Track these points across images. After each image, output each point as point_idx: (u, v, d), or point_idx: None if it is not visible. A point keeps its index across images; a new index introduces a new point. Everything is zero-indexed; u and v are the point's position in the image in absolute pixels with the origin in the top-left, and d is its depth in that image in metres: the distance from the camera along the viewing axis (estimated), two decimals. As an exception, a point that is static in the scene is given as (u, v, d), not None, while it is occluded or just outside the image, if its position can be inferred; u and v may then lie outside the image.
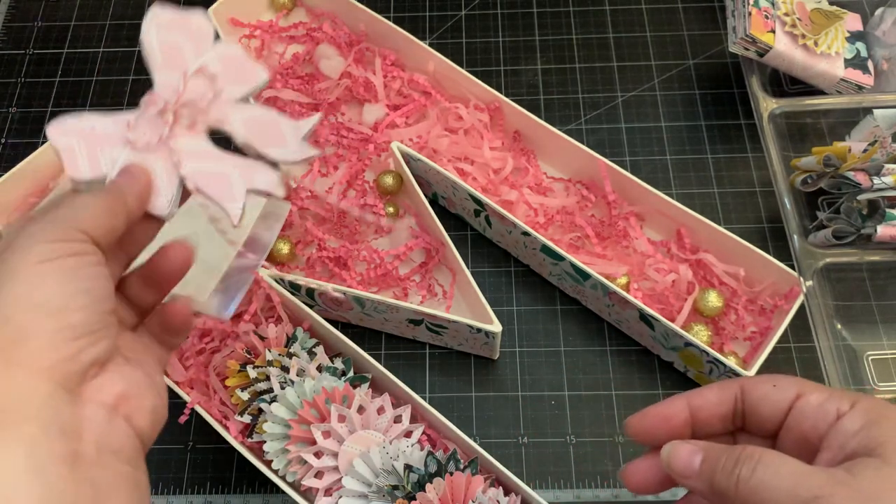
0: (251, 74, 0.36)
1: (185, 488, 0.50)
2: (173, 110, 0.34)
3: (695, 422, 0.30)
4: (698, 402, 0.30)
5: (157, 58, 0.35)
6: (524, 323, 0.55)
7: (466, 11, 0.68)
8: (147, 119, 0.34)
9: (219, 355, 0.49)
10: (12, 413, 0.24)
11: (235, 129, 0.35)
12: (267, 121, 0.36)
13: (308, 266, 0.55)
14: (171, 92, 0.35)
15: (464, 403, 0.52)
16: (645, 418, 0.30)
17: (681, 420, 0.30)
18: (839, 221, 0.51)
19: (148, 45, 0.35)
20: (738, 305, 0.52)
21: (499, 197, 0.57)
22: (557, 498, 0.49)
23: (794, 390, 0.28)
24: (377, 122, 0.59)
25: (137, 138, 0.34)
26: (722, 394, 0.29)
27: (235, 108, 0.35)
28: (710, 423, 0.29)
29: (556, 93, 0.64)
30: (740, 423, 0.30)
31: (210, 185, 0.34)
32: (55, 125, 0.33)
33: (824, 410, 0.27)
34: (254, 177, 0.35)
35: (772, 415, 0.28)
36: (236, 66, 0.36)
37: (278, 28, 0.64)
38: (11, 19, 0.70)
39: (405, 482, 0.41)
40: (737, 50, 0.57)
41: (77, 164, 0.32)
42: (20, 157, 0.54)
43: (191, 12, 0.36)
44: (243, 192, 0.34)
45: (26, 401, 0.24)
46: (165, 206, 0.33)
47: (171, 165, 0.34)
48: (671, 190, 0.59)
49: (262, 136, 0.35)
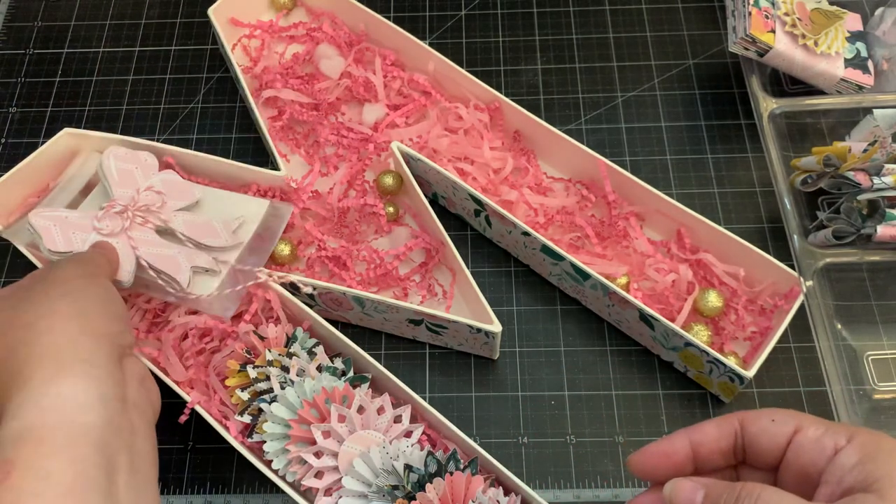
0: (188, 193, 0.50)
1: (185, 488, 0.50)
2: (132, 211, 0.47)
3: (696, 457, 0.30)
4: (699, 437, 0.30)
5: (115, 178, 0.49)
6: (524, 323, 0.55)
7: (466, 11, 0.68)
8: (110, 216, 0.46)
9: (219, 355, 0.49)
10: (84, 361, 0.33)
11: (178, 228, 0.48)
12: (202, 222, 0.49)
13: (308, 266, 0.55)
14: (128, 200, 0.48)
15: (464, 403, 0.52)
16: (646, 455, 0.30)
17: (682, 456, 0.30)
18: (839, 221, 0.51)
19: (107, 169, 0.49)
20: (738, 305, 0.52)
21: (499, 197, 0.57)
22: (557, 498, 0.49)
23: (792, 425, 0.28)
24: (377, 122, 0.59)
25: (103, 227, 0.46)
26: (721, 429, 0.29)
27: (177, 215, 0.49)
28: (712, 458, 0.30)
29: (556, 93, 0.64)
30: (741, 457, 0.30)
31: (161, 263, 0.46)
32: (35, 212, 0.45)
33: (821, 445, 0.27)
34: (195, 259, 0.47)
35: (771, 449, 0.28)
36: (177, 187, 0.50)
37: (278, 28, 0.64)
38: (11, 19, 0.70)
39: (405, 482, 0.41)
40: (737, 50, 0.57)
41: (54, 240, 0.45)
42: (20, 157, 0.54)
43: (139, 151, 0.51)
44: (188, 268, 0.47)
45: (92, 354, 0.34)
46: (126, 276, 0.45)
47: (130, 248, 0.46)
48: (671, 190, 0.59)
49: (198, 232, 0.48)
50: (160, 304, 0.51)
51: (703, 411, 0.52)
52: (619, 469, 0.50)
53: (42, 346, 0.33)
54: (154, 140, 0.59)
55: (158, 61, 0.67)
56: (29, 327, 0.34)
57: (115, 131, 0.62)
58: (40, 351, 0.33)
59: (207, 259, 0.48)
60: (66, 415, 0.31)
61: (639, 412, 0.52)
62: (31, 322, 0.34)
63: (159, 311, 0.51)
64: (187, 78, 0.66)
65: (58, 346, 0.33)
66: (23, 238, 0.50)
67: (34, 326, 0.34)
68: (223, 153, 0.61)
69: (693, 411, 0.52)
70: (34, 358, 0.33)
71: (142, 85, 0.66)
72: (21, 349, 0.33)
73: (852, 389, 0.50)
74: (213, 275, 0.49)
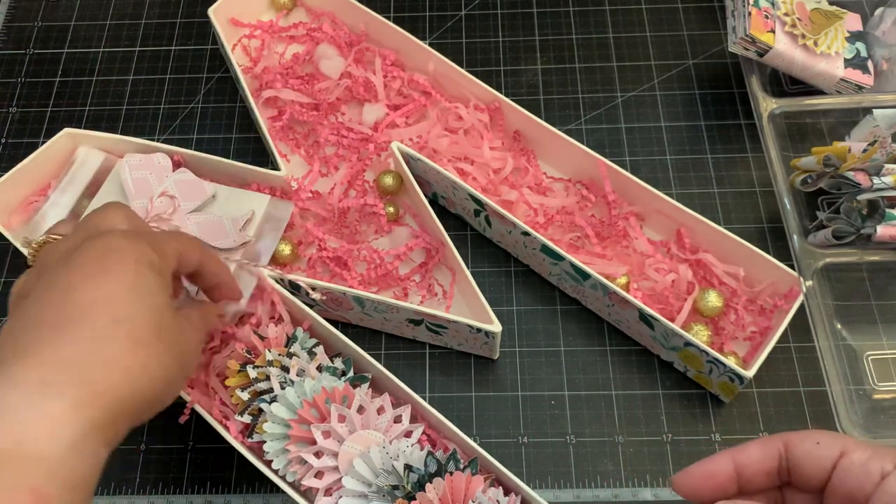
0: (201, 192, 0.52)
1: (185, 488, 0.50)
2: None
3: (740, 478, 0.29)
4: (742, 458, 0.29)
5: (132, 190, 0.51)
6: (524, 323, 0.55)
7: (466, 11, 0.68)
8: None
9: (219, 356, 0.49)
10: (156, 274, 0.37)
11: (191, 231, 0.50)
12: (213, 222, 0.51)
13: (309, 266, 0.55)
14: (143, 212, 0.50)
15: (464, 403, 0.52)
16: (690, 476, 0.30)
17: (726, 477, 0.29)
18: (839, 221, 0.51)
19: (124, 182, 0.52)
20: (737, 305, 0.52)
21: (499, 197, 0.57)
22: (557, 498, 0.49)
23: (837, 448, 0.28)
24: (377, 122, 0.59)
25: None
26: (765, 450, 0.29)
27: (189, 217, 0.51)
28: (756, 479, 0.29)
29: (556, 93, 0.64)
30: (786, 479, 0.29)
31: None
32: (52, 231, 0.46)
33: (867, 470, 0.27)
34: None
35: (816, 473, 0.28)
36: (190, 187, 0.52)
37: (278, 28, 0.64)
38: (11, 19, 0.70)
39: (405, 482, 0.41)
40: (737, 50, 0.57)
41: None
42: (20, 157, 0.54)
43: (153, 154, 0.53)
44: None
45: (160, 274, 0.38)
46: None
47: None
48: (671, 190, 0.59)
49: (210, 234, 0.51)
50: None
51: (702, 411, 0.52)
52: (618, 469, 0.50)
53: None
54: (154, 140, 0.59)
55: (158, 61, 0.67)
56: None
57: (115, 131, 0.62)
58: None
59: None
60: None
61: (639, 412, 0.52)
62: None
63: None
64: (187, 78, 0.66)
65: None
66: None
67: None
68: (223, 153, 0.61)
69: (693, 411, 0.52)
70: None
71: (142, 85, 0.66)
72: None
73: (852, 389, 0.50)
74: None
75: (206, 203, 0.52)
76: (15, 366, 0.32)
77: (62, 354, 0.32)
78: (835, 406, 0.46)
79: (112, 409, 0.33)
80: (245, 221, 0.51)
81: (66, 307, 0.34)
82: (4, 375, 0.32)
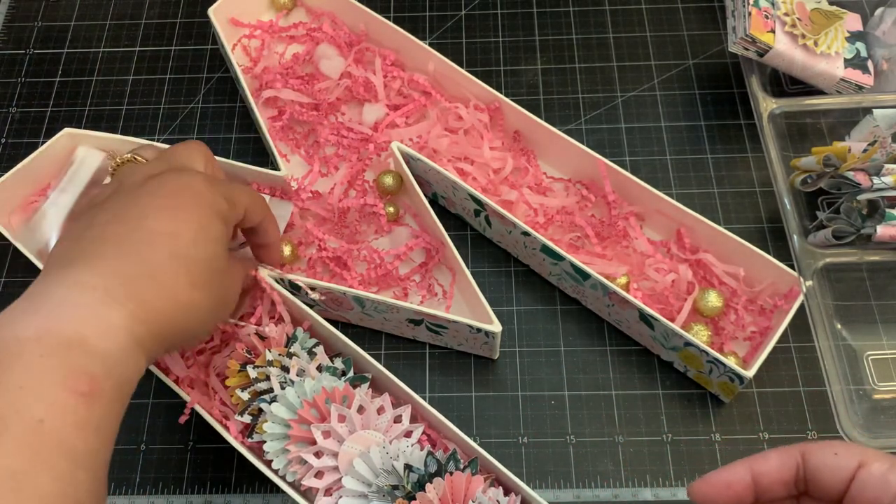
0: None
1: (185, 488, 0.51)
2: None
3: (757, 487, 0.29)
4: (760, 467, 0.29)
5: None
6: (524, 323, 0.55)
7: (466, 11, 0.68)
8: None
9: (219, 356, 0.49)
10: (222, 223, 0.40)
11: None
12: None
13: (309, 266, 0.55)
14: None
15: (464, 403, 0.52)
16: (707, 485, 0.30)
17: (743, 486, 0.29)
18: (839, 221, 0.51)
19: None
20: (737, 305, 0.52)
21: (499, 197, 0.57)
22: (557, 498, 0.49)
23: (855, 460, 0.28)
24: (377, 122, 0.59)
25: None
26: (783, 460, 0.29)
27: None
28: (773, 488, 0.29)
29: (556, 93, 0.64)
30: (803, 489, 0.29)
31: None
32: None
33: (886, 482, 0.27)
34: None
35: (834, 484, 0.28)
36: None
37: (278, 28, 0.64)
38: (11, 19, 0.70)
39: (405, 482, 0.41)
40: (737, 50, 0.57)
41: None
42: (20, 157, 0.54)
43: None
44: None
45: (225, 223, 0.40)
46: None
47: None
48: (671, 190, 0.59)
49: None
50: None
51: (703, 411, 0.52)
52: (618, 469, 0.50)
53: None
54: (154, 140, 0.59)
55: (158, 61, 0.67)
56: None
57: (115, 131, 0.62)
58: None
59: None
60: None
61: (639, 412, 0.52)
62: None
63: None
64: (187, 78, 0.66)
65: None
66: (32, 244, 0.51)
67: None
68: (223, 153, 0.61)
69: (693, 411, 0.52)
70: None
71: (142, 85, 0.66)
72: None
73: (852, 389, 0.50)
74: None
75: None
76: (82, 268, 0.35)
77: (125, 270, 0.35)
78: (835, 406, 0.46)
79: (159, 331, 0.36)
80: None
81: (136, 230, 0.37)
82: (71, 275, 0.35)
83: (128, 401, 0.35)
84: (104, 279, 0.35)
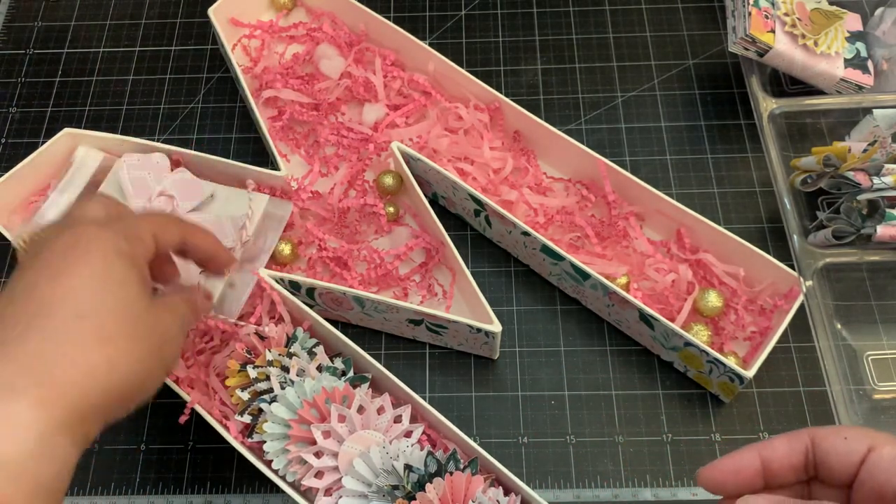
0: (198, 191, 0.52)
1: (185, 488, 0.51)
2: None
3: (766, 472, 0.29)
4: (768, 453, 0.29)
5: (130, 190, 0.51)
6: (524, 323, 0.55)
7: (466, 11, 0.68)
8: None
9: (219, 356, 0.49)
10: (126, 263, 0.36)
11: None
12: (212, 221, 0.50)
13: (309, 266, 0.55)
14: (141, 211, 0.49)
15: (464, 403, 0.52)
16: (716, 470, 0.30)
17: (752, 471, 0.29)
18: (839, 221, 0.51)
19: (122, 181, 0.52)
20: (737, 305, 0.52)
21: (499, 197, 0.57)
22: (557, 498, 0.49)
23: (865, 444, 0.27)
24: (377, 122, 0.59)
25: None
26: (792, 445, 0.29)
27: (188, 217, 0.50)
28: (782, 473, 0.29)
29: (556, 93, 0.64)
30: (813, 473, 0.29)
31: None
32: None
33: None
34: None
35: (843, 468, 0.28)
36: (188, 187, 0.52)
37: (278, 28, 0.64)
38: (11, 19, 0.70)
39: (405, 482, 0.41)
40: (737, 50, 0.57)
41: None
42: (20, 157, 0.54)
43: (151, 154, 0.53)
44: (197, 273, 0.47)
45: (131, 262, 0.37)
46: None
47: None
48: (671, 190, 0.59)
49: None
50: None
51: (703, 411, 0.52)
52: (618, 469, 0.50)
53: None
54: (154, 140, 0.59)
55: (158, 61, 0.67)
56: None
57: (115, 131, 0.62)
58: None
59: None
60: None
61: (639, 412, 0.52)
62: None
63: None
64: (187, 78, 0.66)
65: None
66: None
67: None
68: (223, 153, 0.61)
69: (693, 411, 0.52)
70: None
71: (142, 85, 0.66)
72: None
73: (852, 389, 0.50)
74: (219, 277, 0.49)
75: (204, 203, 0.52)
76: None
77: (25, 352, 0.32)
78: (835, 406, 0.46)
79: (79, 408, 0.32)
80: (244, 221, 0.51)
81: (30, 303, 0.33)
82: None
83: (62, 496, 0.31)
84: (2, 371, 0.31)
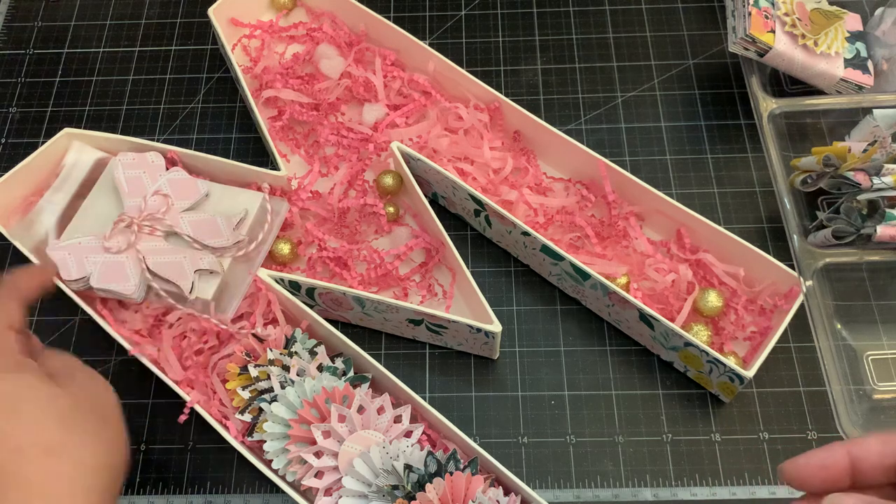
0: (194, 190, 0.51)
1: (185, 488, 0.50)
2: (137, 223, 0.49)
3: (855, 471, 0.29)
4: (860, 452, 0.29)
5: (125, 188, 0.51)
6: (524, 323, 0.55)
7: (466, 11, 0.68)
8: (119, 232, 0.49)
9: (217, 356, 0.49)
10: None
11: (184, 231, 0.49)
12: (207, 220, 0.50)
13: (309, 266, 0.55)
14: (136, 211, 0.50)
15: (464, 403, 0.52)
16: (801, 465, 0.29)
17: (840, 469, 0.29)
18: (839, 221, 0.51)
19: (117, 180, 0.51)
20: (737, 305, 0.52)
21: (499, 197, 0.57)
22: (557, 498, 0.49)
23: None
24: (377, 122, 0.59)
25: (111, 246, 0.48)
26: (886, 447, 0.28)
27: (183, 216, 0.50)
28: (872, 473, 0.29)
29: (556, 93, 0.64)
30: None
31: (167, 271, 0.48)
32: (51, 246, 0.48)
33: None
34: (199, 262, 0.49)
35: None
36: (183, 186, 0.51)
37: (278, 28, 0.64)
38: (11, 19, 0.70)
39: (405, 482, 0.41)
40: (737, 50, 0.57)
41: (69, 271, 0.48)
42: (20, 157, 0.54)
43: (146, 153, 0.53)
44: (192, 272, 0.48)
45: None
46: (133, 289, 0.47)
47: (137, 261, 0.48)
48: (671, 190, 0.59)
49: (203, 232, 0.50)
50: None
51: (702, 411, 0.52)
52: (618, 469, 0.50)
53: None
54: (154, 140, 0.59)
55: (158, 61, 0.67)
56: None
57: (115, 131, 0.62)
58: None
59: (211, 260, 0.49)
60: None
61: (639, 412, 0.52)
62: None
63: (161, 316, 0.51)
64: (187, 78, 0.66)
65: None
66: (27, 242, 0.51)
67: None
68: (223, 153, 0.61)
69: (693, 411, 0.52)
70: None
71: (142, 85, 0.66)
72: None
73: (852, 389, 0.50)
74: (215, 276, 0.49)
75: (199, 201, 0.51)
76: None
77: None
78: (835, 406, 0.46)
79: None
80: (239, 220, 0.51)
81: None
82: None
83: None
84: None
